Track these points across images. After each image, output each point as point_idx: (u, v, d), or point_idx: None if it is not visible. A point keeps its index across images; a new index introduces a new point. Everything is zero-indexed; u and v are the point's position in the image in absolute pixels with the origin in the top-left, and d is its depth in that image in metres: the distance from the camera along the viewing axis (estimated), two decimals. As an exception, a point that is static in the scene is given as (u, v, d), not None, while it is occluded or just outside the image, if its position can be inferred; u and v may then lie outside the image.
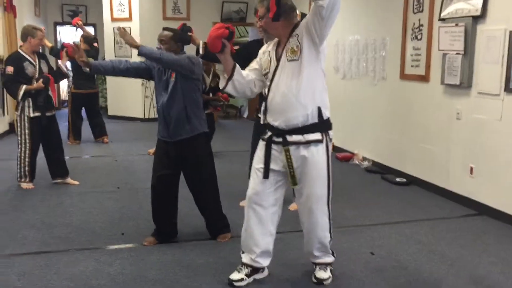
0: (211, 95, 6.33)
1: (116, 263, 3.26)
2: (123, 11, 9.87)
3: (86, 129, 7.61)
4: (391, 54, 5.64)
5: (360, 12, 6.28)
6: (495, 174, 4.22)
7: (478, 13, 4.24)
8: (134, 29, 9.80)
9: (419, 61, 5.16)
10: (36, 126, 4.81)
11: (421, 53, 5.13)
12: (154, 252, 3.44)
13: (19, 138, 4.84)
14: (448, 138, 4.75)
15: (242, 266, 2.99)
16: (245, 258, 2.98)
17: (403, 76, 5.43)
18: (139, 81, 8.83)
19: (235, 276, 2.96)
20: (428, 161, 5.06)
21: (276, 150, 2.81)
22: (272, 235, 2.97)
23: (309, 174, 2.78)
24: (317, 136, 2.75)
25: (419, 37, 5.14)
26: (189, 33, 3.69)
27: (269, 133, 2.82)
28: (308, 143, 2.74)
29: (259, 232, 2.92)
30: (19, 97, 4.70)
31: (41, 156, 5.04)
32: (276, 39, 2.82)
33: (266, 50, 2.86)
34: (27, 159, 4.86)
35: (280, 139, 2.77)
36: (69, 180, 5.14)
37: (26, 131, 4.79)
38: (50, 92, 4.92)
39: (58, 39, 12.36)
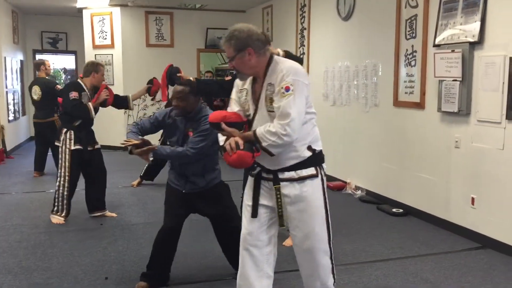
0: None
1: (100, 314, 2.96)
2: (105, 38, 9.66)
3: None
4: (384, 80, 5.52)
5: (351, 38, 6.18)
6: (498, 205, 4.05)
7: (475, 39, 4.14)
8: (117, 56, 9.61)
9: (413, 87, 5.04)
10: (77, 159, 4.70)
11: (415, 79, 5.01)
12: (142, 299, 3.16)
13: (59, 170, 4.72)
14: (447, 167, 4.60)
15: None
16: None
17: (397, 103, 5.29)
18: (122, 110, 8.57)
19: None
20: (426, 191, 4.89)
21: (266, 186, 2.56)
22: (270, 277, 2.68)
23: (305, 212, 2.50)
24: (311, 171, 2.49)
25: (412, 63, 5.03)
26: (178, 74, 3.49)
27: (258, 169, 2.57)
28: (301, 179, 2.49)
29: (255, 276, 2.62)
30: (92, 114, 4.74)
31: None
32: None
33: (243, 88, 2.57)
34: (65, 193, 4.71)
35: (270, 176, 2.52)
36: (107, 213, 5.03)
37: (66, 163, 4.67)
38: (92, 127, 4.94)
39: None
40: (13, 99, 9.73)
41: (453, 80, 4.37)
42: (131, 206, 5.51)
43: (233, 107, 2.58)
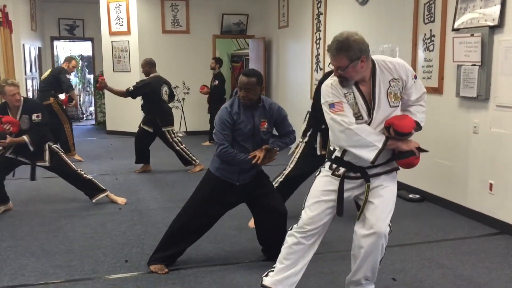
0: None
1: (121, 295, 3.03)
2: (121, 25, 9.70)
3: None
4: (401, 65, 5.46)
5: (368, 22, 6.12)
6: (517, 190, 4.02)
7: (495, 22, 4.07)
8: (133, 43, 9.65)
9: (431, 72, 4.99)
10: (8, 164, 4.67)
11: (433, 64, 4.95)
12: (161, 281, 3.22)
13: None
14: (465, 153, 4.56)
15: None
16: (269, 282, 2.82)
17: (414, 88, 5.24)
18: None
19: None
20: (443, 176, 4.86)
21: (348, 183, 2.67)
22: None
23: (383, 196, 2.64)
24: (394, 164, 2.70)
25: (430, 48, 4.97)
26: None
27: (342, 169, 2.66)
28: (387, 172, 2.67)
29: (301, 268, 2.81)
30: None
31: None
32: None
33: (348, 91, 2.56)
34: None
35: (358, 174, 2.64)
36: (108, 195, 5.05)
37: None
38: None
39: (55, 54, 12.21)
40: (32, 86, 9.86)
41: (472, 65, 4.31)
42: (149, 191, 5.58)
43: (348, 109, 2.55)
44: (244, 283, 3.17)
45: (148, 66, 6.38)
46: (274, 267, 2.84)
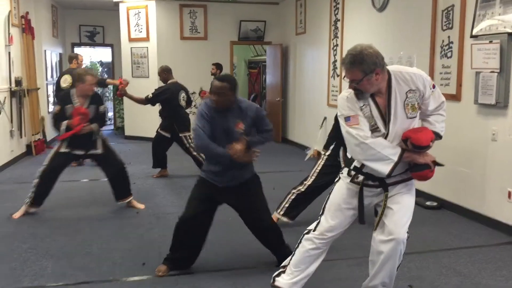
0: None
1: (138, 297, 3.08)
2: (141, 31, 9.84)
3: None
4: (418, 72, 5.44)
5: (385, 29, 6.12)
6: (537, 198, 3.97)
7: (514, 29, 4.05)
8: (152, 49, 9.77)
9: (449, 79, 4.96)
10: (58, 160, 4.77)
11: (451, 71, 4.93)
12: (178, 284, 3.26)
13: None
14: (483, 160, 4.52)
15: None
16: (284, 284, 2.85)
17: (432, 95, 5.22)
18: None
19: None
20: (461, 184, 4.82)
21: (367, 191, 2.69)
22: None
23: (401, 203, 2.66)
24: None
25: (448, 54, 4.95)
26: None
27: (361, 177, 2.68)
28: (405, 180, 2.67)
29: (314, 269, 2.86)
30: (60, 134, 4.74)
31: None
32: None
33: (364, 104, 2.56)
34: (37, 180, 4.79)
35: (376, 183, 2.66)
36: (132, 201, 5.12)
37: (49, 157, 4.78)
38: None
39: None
40: (53, 91, 10.03)
41: (491, 72, 4.29)
42: (166, 196, 5.64)
43: (364, 122, 2.55)
44: (257, 287, 3.18)
45: (165, 73, 6.47)
46: (285, 268, 2.87)
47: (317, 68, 8.35)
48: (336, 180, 2.84)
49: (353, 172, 2.70)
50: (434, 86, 2.64)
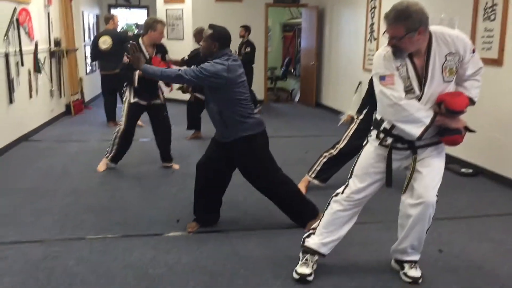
0: None
1: (173, 251, 3.20)
2: (176, -7, 9.81)
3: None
4: (459, 36, 5.27)
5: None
6: None
7: None
8: (187, 11, 9.75)
9: (491, 43, 4.79)
10: (134, 112, 4.89)
11: (493, 34, 4.75)
12: (210, 241, 3.37)
13: (121, 119, 4.96)
14: (522, 128, 4.41)
15: (306, 255, 2.87)
16: (313, 244, 2.87)
17: (472, 59, 5.06)
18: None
19: (304, 270, 2.82)
20: (498, 151, 4.73)
21: (396, 154, 2.67)
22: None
23: (431, 166, 2.62)
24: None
25: (492, 17, 4.76)
26: None
27: (390, 139, 2.65)
28: (435, 143, 2.62)
29: (344, 233, 2.87)
30: (135, 83, 4.74)
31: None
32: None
33: (401, 63, 2.49)
34: (116, 140, 4.93)
35: (405, 145, 2.63)
36: (174, 165, 5.23)
37: (124, 114, 4.88)
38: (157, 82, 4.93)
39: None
40: (90, 53, 10.21)
41: (536, 35, 4.12)
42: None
43: (399, 82, 2.49)
44: (288, 247, 3.24)
45: (200, 34, 6.46)
46: (315, 230, 2.90)
47: (354, 31, 8.18)
48: (364, 143, 2.83)
49: (382, 135, 2.67)
50: (474, 51, 2.56)
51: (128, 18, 13.28)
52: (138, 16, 13.37)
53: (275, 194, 3.54)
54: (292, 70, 11.93)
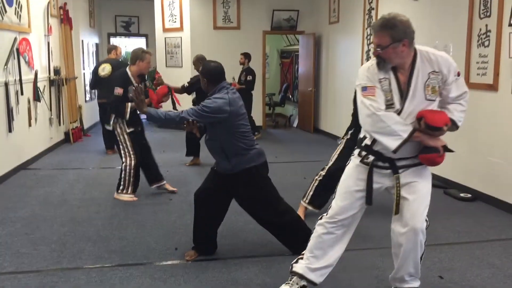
0: None
1: (170, 281, 3.17)
2: (175, 21, 9.96)
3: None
4: (455, 61, 5.31)
5: (421, 18, 6.00)
6: None
7: (555, 17, 3.93)
8: (185, 39, 9.88)
9: (486, 69, 4.85)
10: (134, 140, 4.92)
11: (488, 60, 4.81)
12: (209, 269, 3.34)
13: (123, 152, 4.92)
14: (520, 152, 4.42)
15: (293, 277, 2.85)
16: (300, 268, 2.83)
17: (468, 84, 5.03)
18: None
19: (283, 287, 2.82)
20: (496, 176, 4.73)
21: (377, 173, 2.65)
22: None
23: (416, 193, 2.59)
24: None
25: (486, 43, 4.83)
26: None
27: (371, 157, 2.64)
28: (417, 165, 2.61)
29: (333, 260, 2.81)
30: (127, 116, 4.79)
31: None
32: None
33: (384, 77, 2.53)
34: (132, 171, 4.92)
35: (386, 164, 2.61)
36: (166, 184, 5.28)
37: (128, 143, 4.88)
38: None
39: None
40: (90, 81, 10.30)
41: (530, 61, 4.18)
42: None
43: (380, 95, 2.51)
44: (289, 274, 3.21)
45: (200, 62, 6.53)
46: (303, 255, 2.86)
47: (350, 58, 8.27)
48: (347, 163, 2.81)
49: (363, 153, 2.66)
50: (459, 74, 2.58)
51: (127, 46, 13.44)
52: (137, 45, 13.52)
53: (276, 224, 3.51)
54: (290, 96, 12.02)
